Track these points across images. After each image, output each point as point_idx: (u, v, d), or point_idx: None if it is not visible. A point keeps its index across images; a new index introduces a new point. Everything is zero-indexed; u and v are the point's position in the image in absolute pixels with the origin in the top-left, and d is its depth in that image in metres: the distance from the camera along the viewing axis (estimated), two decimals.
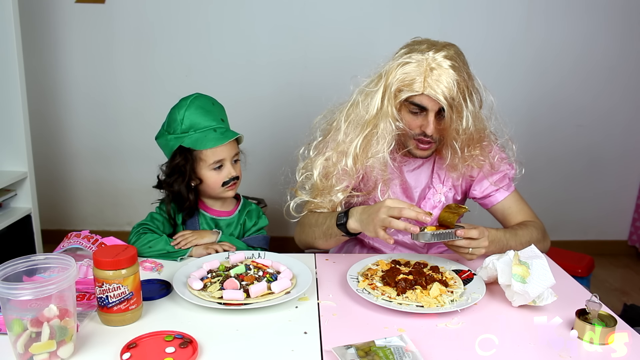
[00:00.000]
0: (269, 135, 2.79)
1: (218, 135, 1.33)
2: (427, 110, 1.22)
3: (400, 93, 1.21)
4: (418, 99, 1.20)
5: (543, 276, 1.00)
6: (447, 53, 1.18)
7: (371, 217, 1.12)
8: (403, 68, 1.19)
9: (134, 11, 2.70)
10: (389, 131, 1.24)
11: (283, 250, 1.30)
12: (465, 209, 1.12)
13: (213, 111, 1.35)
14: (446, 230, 1.12)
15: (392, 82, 1.21)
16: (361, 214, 1.18)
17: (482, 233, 1.14)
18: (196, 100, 1.34)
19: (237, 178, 1.40)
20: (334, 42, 2.74)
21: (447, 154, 1.30)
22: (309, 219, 1.36)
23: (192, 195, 1.38)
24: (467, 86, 1.20)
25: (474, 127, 1.23)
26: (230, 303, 1.00)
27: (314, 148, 1.38)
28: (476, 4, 2.71)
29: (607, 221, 3.06)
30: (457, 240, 1.13)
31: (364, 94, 1.29)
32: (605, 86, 2.84)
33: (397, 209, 1.08)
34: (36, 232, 2.18)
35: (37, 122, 2.52)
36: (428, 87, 1.16)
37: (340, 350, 0.84)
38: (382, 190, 1.32)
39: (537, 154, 2.88)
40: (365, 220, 1.16)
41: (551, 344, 0.88)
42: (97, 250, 0.98)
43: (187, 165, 1.34)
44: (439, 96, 1.16)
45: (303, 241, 1.41)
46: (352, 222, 1.19)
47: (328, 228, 1.26)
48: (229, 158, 1.36)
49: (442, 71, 1.16)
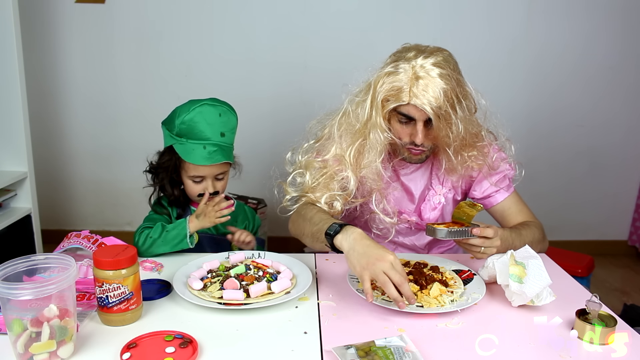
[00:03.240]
0: (268, 136, 2.79)
1: (205, 154, 1.30)
2: (415, 120, 1.20)
3: (387, 103, 1.20)
4: (405, 108, 1.19)
5: (539, 276, 1.00)
6: (435, 60, 1.15)
7: (368, 260, 1.00)
8: (390, 78, 1.17)
9: (134, 11, 2.70)
10: (379, 141, 1.23)
11: (283, 250, 1.30)
12: (480, 207, 1.12)
13: (215, 124, 1.31)
14: (462, 228, 1.12)
15: (379, 92, 1.19)
16: (356, 242, 1.05)
17: (496, 233, 1.13)
18: (202, 108, 1.30)
19: (217, 193, 1.37)
20: (335, 44, 2.74)
21: (442, 158, 1.30)
22: (307, 211, 1.28)
23: (177, 191, 1.39)
24: (456, 93, 1.17)
25: (466, 132, 1.22)
26: (230, 303, 1.00)
27: (304, 151, 1.36)
28: (476, 6, 2.71)
29: (607, 221, 3.07)
30: (471, 239, 1.12)
31: (355, 104, 1.28)
32: (606, 87, 2.84)
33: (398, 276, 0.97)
34: (36, 232, 2.18)
35: (37, 122, 2.52)
36: (414, 96, 1.15)
37: (340, 350, 0.84)
38: (377, 199, 1.30)
39: (538, 155, 2.88)
40: (358, 254, 1.03)
41: (551, 344, 0.88)
42: (97, 250, 0.98)
43: (171, 167, 1.35)
44: (425, 106, 1.14)
45: (294, 231, 1.35)
46: (342, 241, 1.07)
47: (318, 231, 1.17)
48: (210, 176, 1.35)
49: (429, 80, 1.13)
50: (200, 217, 1.30)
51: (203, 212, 1.31)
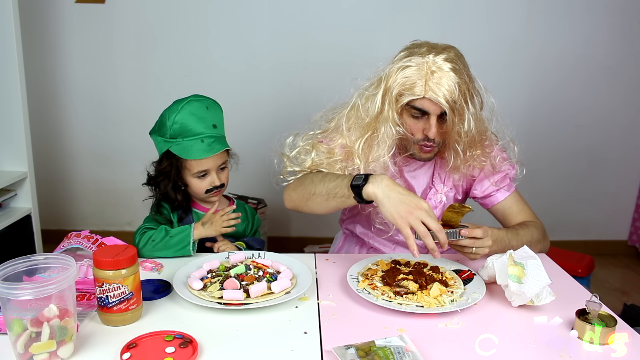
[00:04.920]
0: (268, 136, 2.76)
1: (205, 146, 1.30)
2: (428, 114, 1.21)
3: (401, 97, 1.20)
4: (419, 102, 1.19)
5: (538, 276, 1.00)
6: (447, 56, 1.17)
7: (406, 208, 1.04)
8: (403, 72, 1.18)
9: (134, 11, 2.70)
10: (389, 135, 1.23)
11: (283, 250, 1.30)
12: (469, 208, 1.12)
13: (206, 117, 1.32)
14: (450, 230, 1.12)
15: (392, 86, 1.20)
16: (390, 189, 1.07)
17: (486, 232, 1.14)
18: (189, 105, 1.31)
19: (222, 186, 1.38)
20: (335, 44, 2.74)
21: (450, 156, 1.30)
22: (313, 175, 1.27)
23: (180, 195, 1.38)
24: (468, 88, 1.19)
25: (476, 129, 1.23)
26: (230, 303, 1.00)
27: (307, 137, 1.36)
28: (476, 6, 2.71)
29: (607, 221, 3.07)
30: (461, 240, 1.13)
31: (364, 98, 1.28)
32: (606, 87, 2.84)
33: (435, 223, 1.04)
34: (36, 232, 2.18)
35: (37, 122, 2.52)
36: (429, 90, 1.15)
37: (340, 350, 0.84)
38: None
39: (538, 154, 2.88)
40: (395, 201, 1.06)
41: (551, 344, 0.88)
42: (97, 250, 0.98)
43: (173, 170, 1.34)
44: (441, 99, 1.15)
45: (295, 197, 1.30)
46: (373, 188, 1.09)
47: (336, 186, 1.17)
48: (214, 168, 1.35)
49: (443, 74, 1.15)
50: (206, 225, 1.31)
51: (210, 220, 1.32)
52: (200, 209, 1.43)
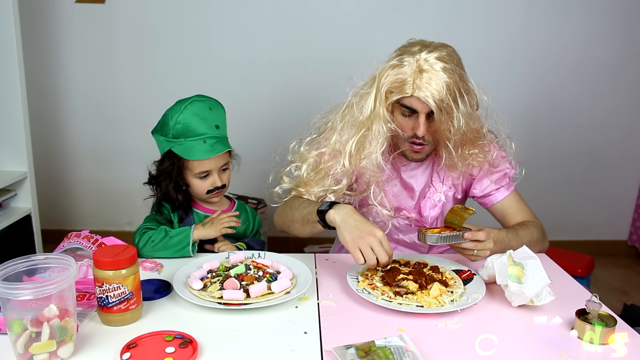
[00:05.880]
0: (268, 135, 2.79)
1: (207, 147, 1.30)
2: (418, 112, 1.22)
3: (390, 95, 1.21)
4: (408, 101, 1.20)
5: (538, 276, 1.00)
6: (439, 54, 1.17)
7: (359, 233, 1.08)
8: (394, 70, 1.19)
9: (134, 11, 2.70)
10: (381, 133, 1.25)
11: (283, 250, 1.30)
12: (472, 210, 1.12)
13: (208, 118, 1.32)
14: (453, 233, 1.12)
15: (383, 83, 1.21)
16: (349, 216, 1.12)
17: (488, 235, 1.14)
18: (192, 106, 1.31)
19: (224, 186, 1.39)
20: (334, 43, 2.74)
21: (443, 154, 1.31)
22: (293, 201, 1.35)
23: (181, 195, 1.38)
24: (459, 88, 1.19)
25: (467, 128, 1.23)
26: (230, 303, 0.99)
27: (306, 143, 1.39)
28: (476, 5, 2.71)
29: (607, 221, 3.07)
30: (463, 243, 1.13)
31: (359, 96, 1.29)
32: (606, 87, 2.84)
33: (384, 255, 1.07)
34: (36, 232, 2.18)
35: (37, 122, 2.52)
36: (417, 89, 1.16)
37: (340, 350, 0.84)
38: (375, 192, 1.32)
39: (538, 154, 2.88)
40: (350, 227, 1.10)
41: (551, 344, 0.88)
42: (97, 250, 0.98)
43: (174, 170, 1.34)
44: (428, 99, 1.16)
45: (280, 222, 1.39)
46: (334, 215, 1.14)
47: (308, 213, 1.23)
48: (215, 169, 1.35)
49: (433, 73, 1.15)
50: (207, 225, 1.31)
51: (211, 220, 1.32)
52: (201, 209, 1.43)
